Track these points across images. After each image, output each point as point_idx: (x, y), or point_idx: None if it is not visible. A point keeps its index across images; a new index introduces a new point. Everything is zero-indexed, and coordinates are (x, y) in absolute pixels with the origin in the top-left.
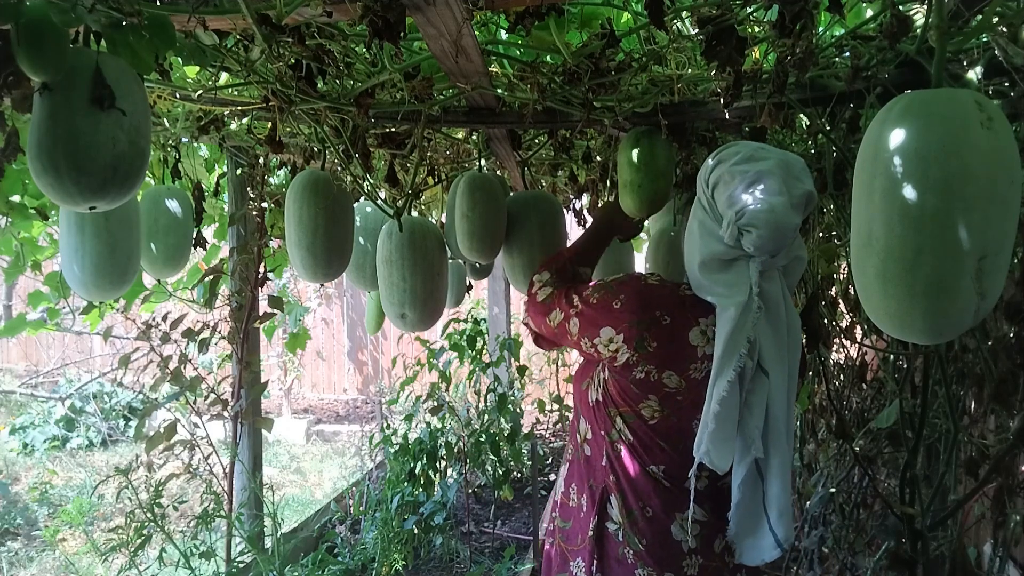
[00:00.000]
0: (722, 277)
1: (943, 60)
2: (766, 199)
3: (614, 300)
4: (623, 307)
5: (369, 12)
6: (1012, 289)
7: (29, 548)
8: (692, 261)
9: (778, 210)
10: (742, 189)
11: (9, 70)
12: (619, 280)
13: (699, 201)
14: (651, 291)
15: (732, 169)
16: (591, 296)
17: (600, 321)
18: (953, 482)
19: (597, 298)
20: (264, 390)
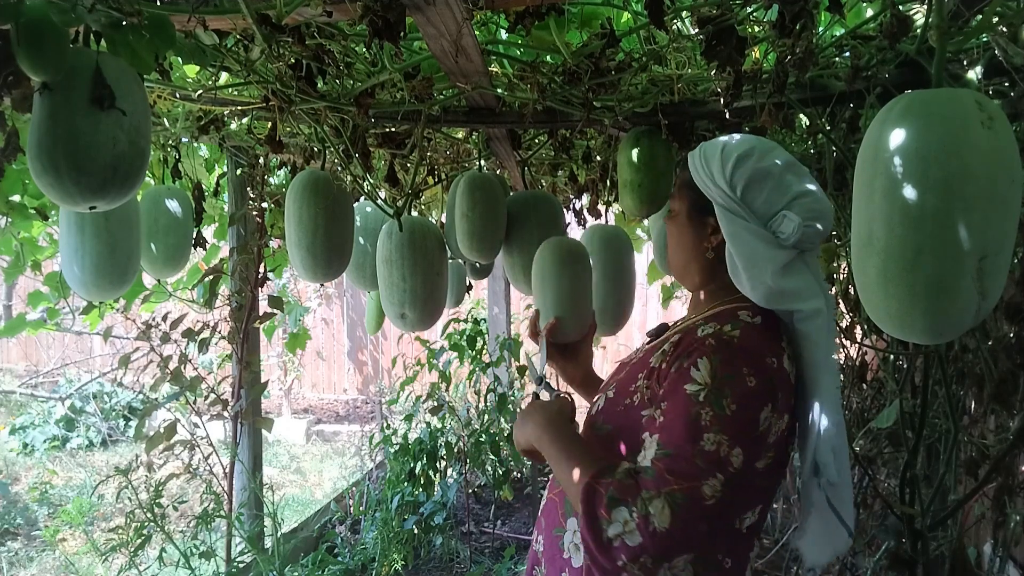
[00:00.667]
0: (792, 284)
1: (943, 60)
2: (809, 187)
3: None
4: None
5: (369, 12)
6: (1012, 289)
7: (29, 548)
8: (763, 277)
9: (823, 199)
10: (778, 183)
11: (9, 70)
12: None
13: (725, 211)
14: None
15: (759, 167)
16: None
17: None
18: (953, 482)
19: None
20: (264, 390)
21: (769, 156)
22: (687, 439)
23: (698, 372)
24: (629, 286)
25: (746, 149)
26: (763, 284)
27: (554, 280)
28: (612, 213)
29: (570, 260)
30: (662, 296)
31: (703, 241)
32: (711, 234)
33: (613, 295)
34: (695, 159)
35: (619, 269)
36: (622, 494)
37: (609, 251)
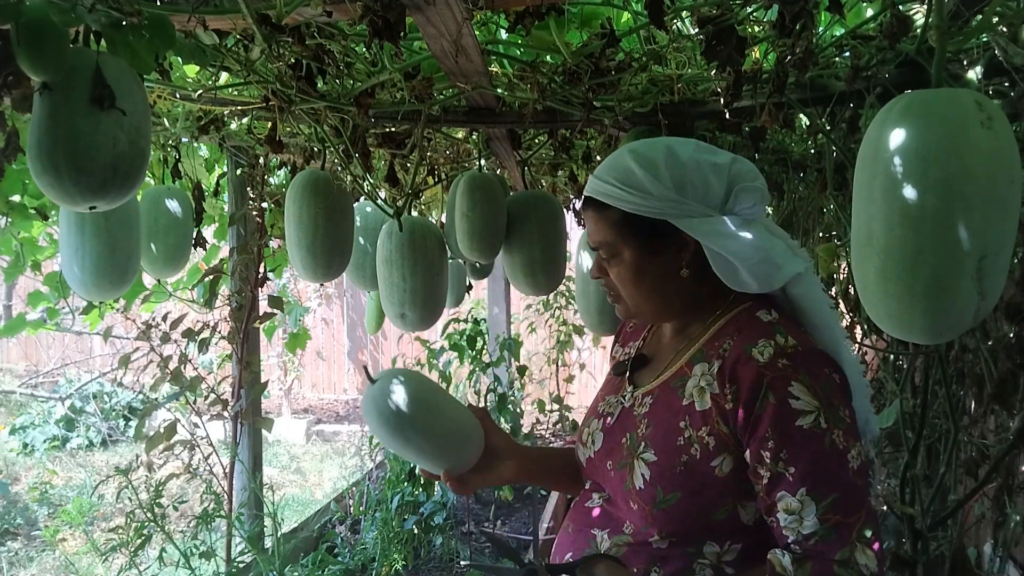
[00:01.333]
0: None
1: (943, 60)
2: (727, 155)
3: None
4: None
5: (369, 12)
6: (1012, 289)
7: (29, 548)
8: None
9: (736, 156)
10: (712, 162)
11: (9, 70)
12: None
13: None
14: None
15: (687, 158)
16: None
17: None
18: (953, 482)
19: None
20: (264, 390)
21: (682, 148)
22: (839, 469)
23: (800, 400)
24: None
25: (661, 149)
26: (771, 265)
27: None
28: None
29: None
30: None
31: (673, 264)
32: (678, 251)
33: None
34: (617, 189)
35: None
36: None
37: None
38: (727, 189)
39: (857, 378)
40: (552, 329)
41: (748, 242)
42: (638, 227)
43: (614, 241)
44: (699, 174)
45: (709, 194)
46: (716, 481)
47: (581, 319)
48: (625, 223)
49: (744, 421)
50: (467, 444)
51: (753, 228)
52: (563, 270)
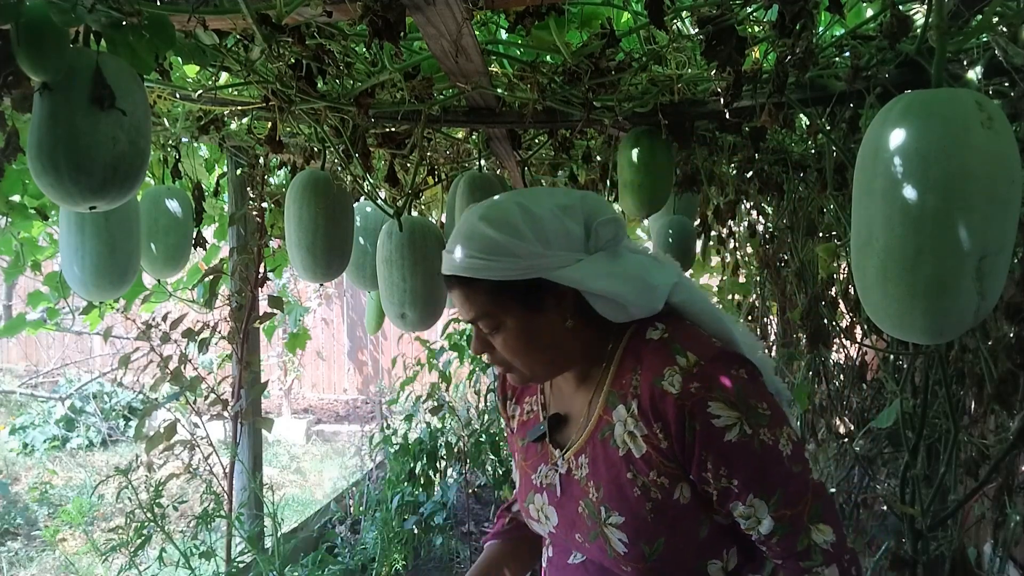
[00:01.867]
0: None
1: (943, 60)
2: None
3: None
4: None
5: (369, 12)
6: (1012, 289)
7: (29, 548)
8: (646, 281)
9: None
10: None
11: (9, 70)
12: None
13: (560, 269)
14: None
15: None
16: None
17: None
18: (953, 482)
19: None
20: (264, 390)
21: (533, 201)
22: (775, 466)
23: (721, 418)
24: None
25: (514, 208)
26: (648, 288)
27: None
28: None
29: None
30: None
31: (557, 318)
32: (558, 304)
33: None
34: (482, 261)
35: None
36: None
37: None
38: (585, 229)
39: (753, 353)
40: None
41: (622, 275)
42: (514, 292)
43: (493, 312)
44: (556, 222)
45: (571, 239)
46: (685, 508)
47: None
48: (499, 292)
49: (681, 452)
50: None
51: (621, 258)
52: None
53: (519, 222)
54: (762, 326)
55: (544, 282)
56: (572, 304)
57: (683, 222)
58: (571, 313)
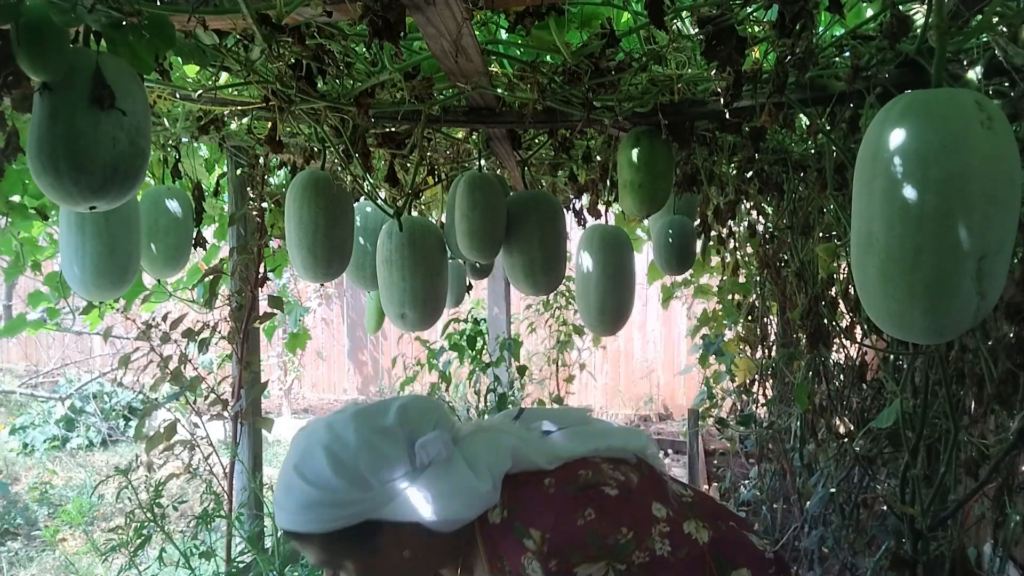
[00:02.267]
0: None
1: (943, 60)
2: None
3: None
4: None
5: (369, 12)
6: (1012, 289)
7: (29, 548)
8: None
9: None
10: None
11: (9, 70)
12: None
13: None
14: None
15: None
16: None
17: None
18: (953, 482)
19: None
20: (264, 390)
21: (341, 442)
22: (666, 571)
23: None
24: (629, 286)
25: (320, 455)
26: (476, 494)
27: None
28: (612, 213)
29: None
30: (662, 296)
31: (395, 552)
32: (396, 537)
33: (613, 294)
34: (302, 517)
35: (619, 269)
36: None
37: (609, 251)
38: (408, 448)
39: (590, 442)
40: (552, 329)
41: (452, 493)
42: (345, 539)
43: (331, 560)
44: (372, 455)
45: (393, 466)
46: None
47: (581, 319)
48: (330, 541)
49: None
50: None
51: (452, 469)
52: (563, 270)
53: (328, 472)
54: (762, 326)
55: (374, 522)
56: (409, 533)
57: (683, 222)
58: (410, 543)
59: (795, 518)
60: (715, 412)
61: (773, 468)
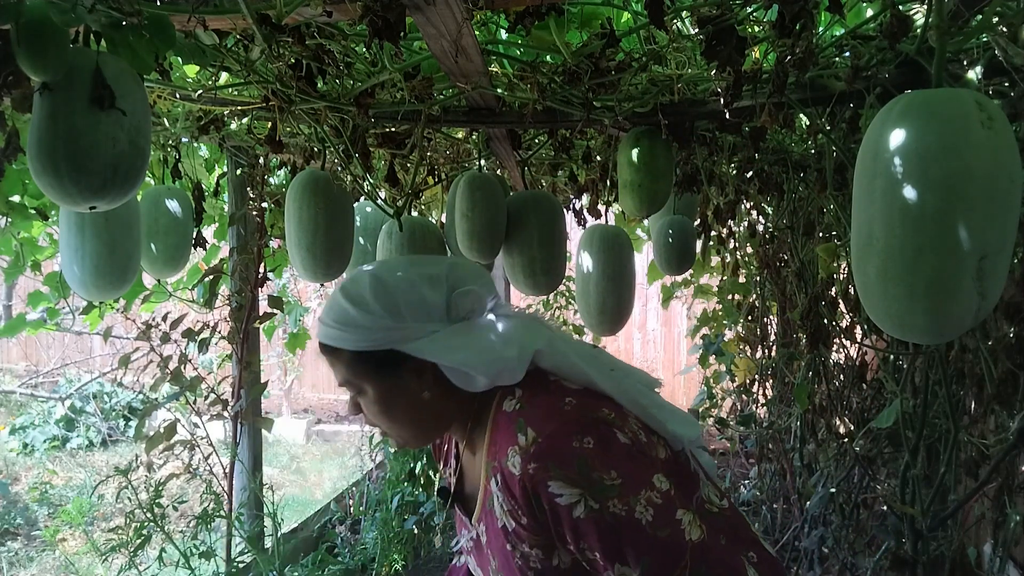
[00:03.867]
0: (498, 348)
1: (943, 60)
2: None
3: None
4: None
5: (369, 12)
6: (1012, 289)
7: (29, 548)
8: (499, 352)
9: (458, 261)
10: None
11: (9, 70)
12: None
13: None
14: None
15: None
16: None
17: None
18: (953, 482)
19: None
20: (264, 390)
21: (390, 272)
22: (634, 535)
23: (563, 496)
24: (629, 286)
25: (367, 280)
26: (502, 361)
27: None
28: (612, 213)
29: None
30: (662, 296)
31: (415, 389)
32: (417, 376)
33: (613, 294)
34: (336, 331)
35: (619, 269)
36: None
37: (609, 251)
38: (447, 298)
39: (637, 398)
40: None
41: (475, 347)
42: (370, 362)
43: (354, 380)
44: (412, 293)
45: (429, 309)
46: (567, 573)
47: (581, 319)
48: (357, 361)
49: (541, 526)
50: None
51: (478, 330)
52: (563, 270)
53: (368, 295)
54: (762, 326)
55: (399, 354)
56: (431, 376)
57: (683, 222)
58: (429, 385)
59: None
60: (715, 412)
61: (773, 468)
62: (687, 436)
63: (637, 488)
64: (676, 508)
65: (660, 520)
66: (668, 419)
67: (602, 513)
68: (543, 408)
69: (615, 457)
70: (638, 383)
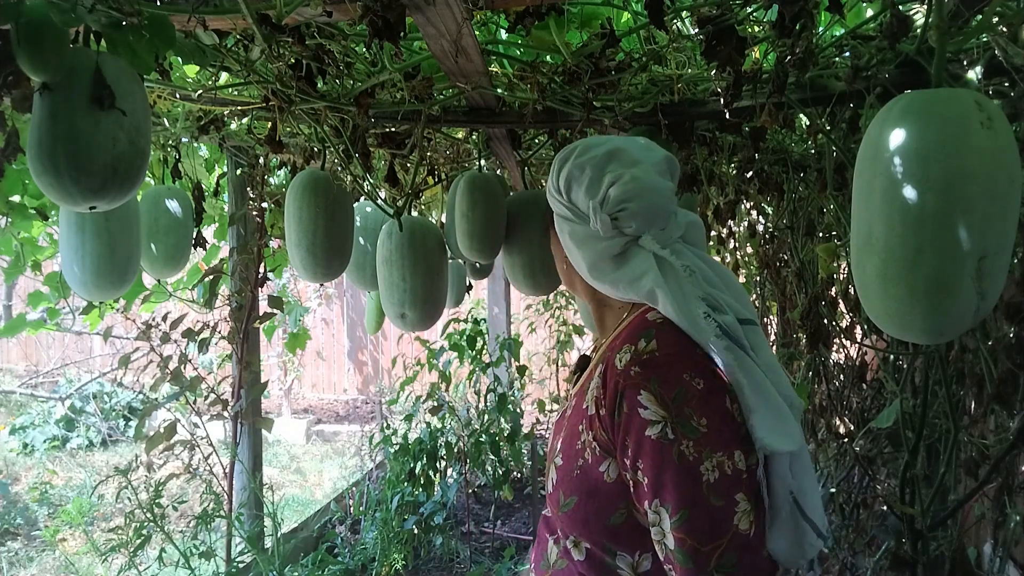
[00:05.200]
0: (623, 274)
1: (943, 60)
2: (625, 171)
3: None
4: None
5: (369, 12)
6: (1012, 289)
7: (29, 548)
8: (607, 274)
9: (642, 177)
10: (595, 174)
11: (9, 70)
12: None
13: (559, 217)
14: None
15: (577, 162)
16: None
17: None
18: (953, 482)
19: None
20: (264, 390)
21: (592, 150)
22: (689, 484)
23: (647, 410)
24: None
25: (570, 148)
26: (612, 281)
27: None
28: None
29: None
30: None
31: (563, 253)
32: (562, 236)
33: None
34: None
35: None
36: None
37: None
38: (597, 179)
39: (760, 393)
40: (552, 329)
41: (594, 255)
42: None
43: (546, 224)
44: (580, 181)
45: (588, 188)
46: (606, 486)
47: (581, 319)
48: (548, 208)
49: (611, 428)
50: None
51: (610, 244)
52: None
53: (559, 161)
54: (762, 326)
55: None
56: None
57: None
58: (565, 249)
59: None
60: None
61: None
62: (772, 448)
63: (716, 446)
64: (740, 491)
65: (720, 487)
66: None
67: (673, 446)
68: (677, 339)
69: (713, 410)
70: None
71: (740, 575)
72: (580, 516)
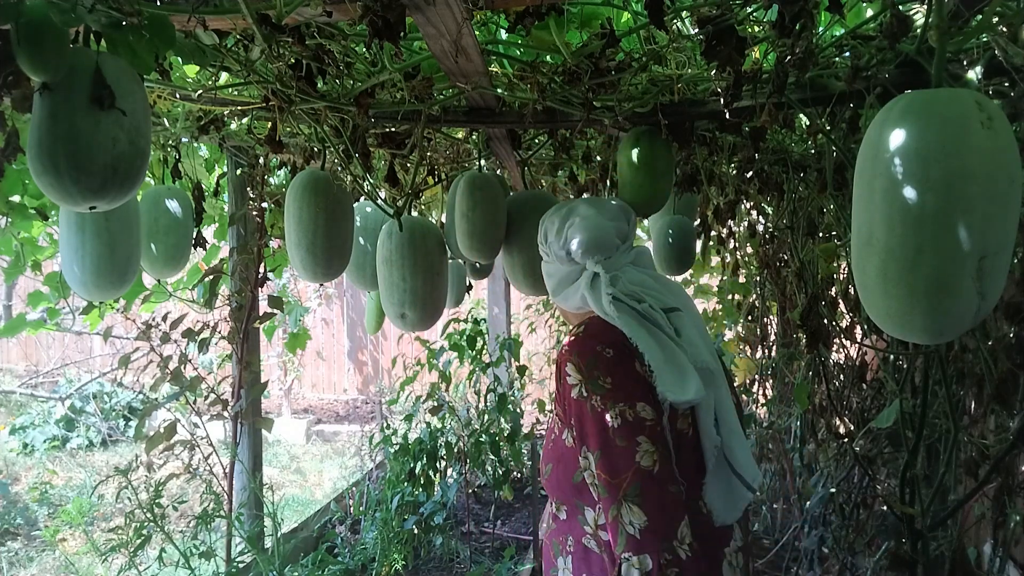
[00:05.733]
0: (571, 290)
1: (943, 60)
2: (578, 218)
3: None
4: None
5: (369, 12)
6: (1012, 289)
7: (29, 548)
8: (552, 295)
9: (589, 219)
10: (560, 224)
11: (9, 70)
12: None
13: (543, 260)
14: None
15: (551, 218)
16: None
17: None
18: (953, 482)
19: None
20: (264, 390)
21: (561, 210)
22: (599, 430)
23: (570, 376)
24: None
25: (548, 212)
26: (564, 296)
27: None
28: None
29: None
30: None
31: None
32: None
33: None
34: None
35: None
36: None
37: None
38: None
39: (662, 356)
40: (552, 329)
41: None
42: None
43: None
44: (551, 222)
45: (556, 232)
46: (568, 450)
47: None
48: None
49: (559, 398)
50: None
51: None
52: None
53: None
54: (762, 326)
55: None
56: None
57: (683, 222)
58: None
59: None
60: None
61: (773, 468)
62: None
63: (618, 399)
64: (643, 434)
65: (622, 432)
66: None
67: (587, 401)
68: (600, 324)
69: (618, 371)
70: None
71: (645, 502)
72: (554, 480)
